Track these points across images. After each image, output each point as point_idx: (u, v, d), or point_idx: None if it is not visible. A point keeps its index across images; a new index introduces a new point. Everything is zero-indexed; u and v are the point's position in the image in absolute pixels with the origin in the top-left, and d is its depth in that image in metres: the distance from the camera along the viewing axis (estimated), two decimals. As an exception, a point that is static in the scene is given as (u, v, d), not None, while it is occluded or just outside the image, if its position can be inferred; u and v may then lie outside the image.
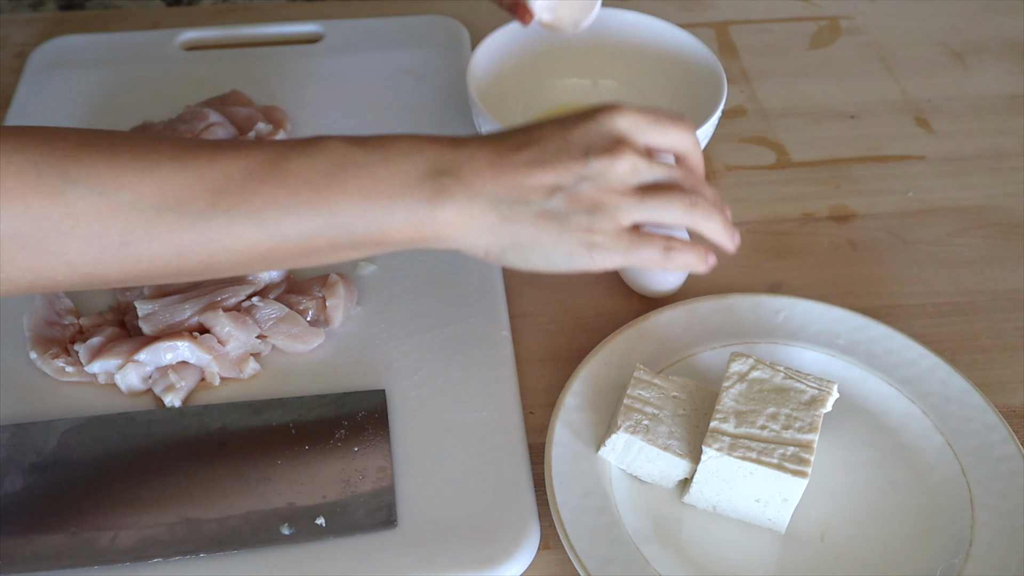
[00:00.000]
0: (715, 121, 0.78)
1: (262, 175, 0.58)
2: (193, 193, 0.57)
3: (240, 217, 0.58)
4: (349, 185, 0.59)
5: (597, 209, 0.61)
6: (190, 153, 0.58)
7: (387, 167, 0.60)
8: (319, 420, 0.69)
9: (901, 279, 0.80)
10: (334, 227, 0.59)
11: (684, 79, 0.84)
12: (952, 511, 0.64)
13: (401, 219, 0.59)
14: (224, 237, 0.58)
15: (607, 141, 0.61)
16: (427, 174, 0.60)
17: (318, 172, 0.59)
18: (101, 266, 0.57)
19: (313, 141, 0.60)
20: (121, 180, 0.56)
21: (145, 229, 0.56)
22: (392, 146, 0.60)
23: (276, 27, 1.00)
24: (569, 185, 0.60)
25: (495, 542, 0.63)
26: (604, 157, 0.61)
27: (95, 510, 0.64)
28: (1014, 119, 0.94)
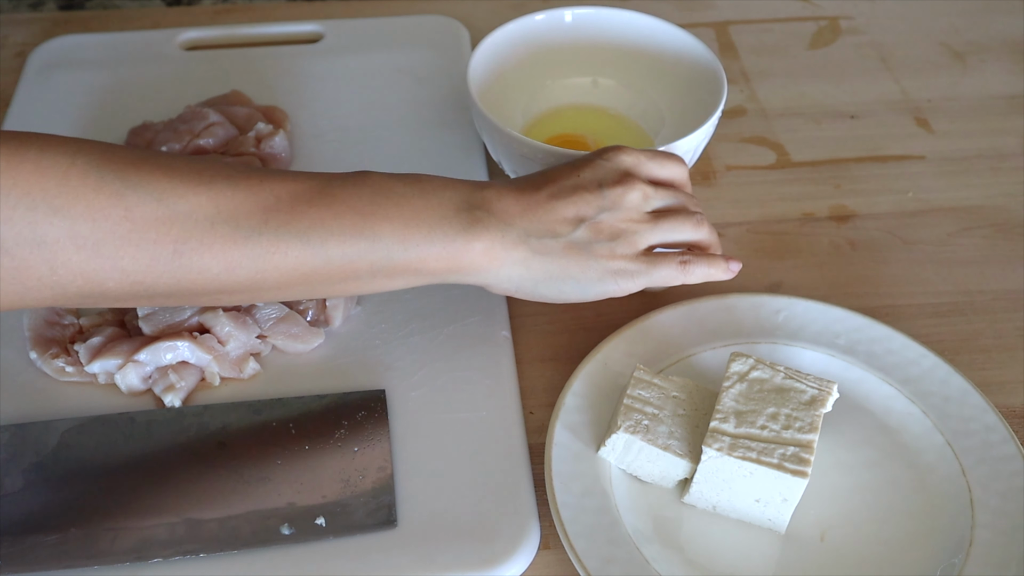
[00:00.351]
0: (715, 121, 0.78)
1: (310, 198, 0.61)
2: (246, 209, 0.60)
3: (288, 235, 0.60)
4: (392, 213, 0.62)
5: (617, 236, 0.66)
6: (242, 174, 0.61)
7: (426, 199, 0.64)
8: (319, 420, 0.69)
9: (901, 279, 0.80)
10: (376, 252, 0.62)
11: (684, 79, 0.84)
12: (952, 511, 0.64)
13: (439, 247, 0.63)
14: (272, 254, 0.60)
15: (616, 175, 0.67)
16: (462, 207, 0.64)
17: (362, 199, 0.62)
18: (152, 274, 0.59)
19: (358, 173, 0.64)
20: (179, 190, 0.58)
21: (199, 239, 0.59)
22: (428, 182, 0.65)
23: (276, 27, 1.00)
24: (590, 216, 0.65)
25: (495, 542, 0.63)
26: (617, 188, 0.66)
27: (95, 510, 0.64)
28: (1014, 119, 0.94)
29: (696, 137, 0.77)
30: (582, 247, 0.65)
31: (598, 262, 0.66)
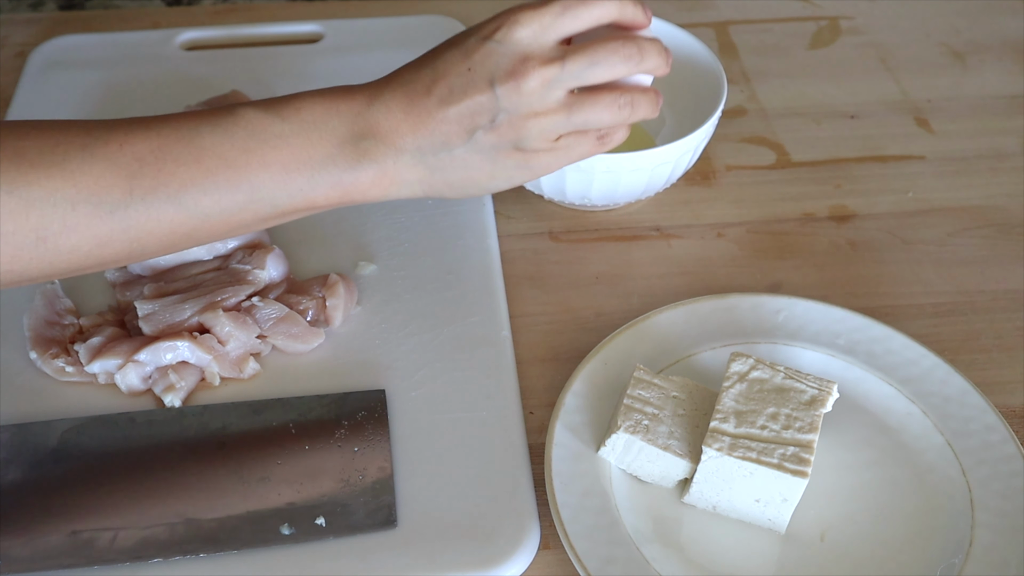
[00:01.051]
0: (715, 121, 0.78)
1: (177, 154, 0.57)
2: (106, 182, 0.56)
3: (158, 201, 0.57)
4: (269, 159, 0.58)
5: (522, 137, 0.60)
6: (99, 140, 0.57)
7: (306, 136, 0.59)
8: (319, 420, 0.69)
9: (901, 279, 0.80)
10: (257, 202, 0.59)
11: (684, 79, 0.84)
12: (952, 511, 0.64)
13: (326, 187, 0.60)
14: (144, 222, 0.57)
15: (510, 63, 0.59)
16: (347, 139, 0.59)
17: (235, 147, 0.58)
18: (21, 262, 0.56)
19: (226, 112, 0.59)
20: (29, 176, 0.55)
21: (61, 223, 0.56)
22: (309, 110, 0.59)
23: (276, 27, 1.00)
24: (485, 123, 0.60)
25: (495, 542, 0.63)
26: (510, 82, 0.59)
27: (95, 510, 0.64)
28: (1014, 119, 0.94)
29: (696, 137, 0.77)
30: (484, 152, 0.60)
31: (504, 164, 0.61)
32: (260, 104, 0.60)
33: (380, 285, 0.77)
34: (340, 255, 0.79)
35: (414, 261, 0.78)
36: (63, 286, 0.75)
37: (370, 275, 0.78)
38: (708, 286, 0.78)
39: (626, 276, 0.80)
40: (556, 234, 0.83)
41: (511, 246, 0.81)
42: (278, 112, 0.59)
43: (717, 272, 0.80)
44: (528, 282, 0.79)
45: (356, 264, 0.78)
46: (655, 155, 0.76)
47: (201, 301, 0.72)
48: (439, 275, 0.77)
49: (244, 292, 0.73)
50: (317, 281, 0.75)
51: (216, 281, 0.74)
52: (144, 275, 0.75)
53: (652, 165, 0.76)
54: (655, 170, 0.77)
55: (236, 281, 0.73)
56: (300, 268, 0.78)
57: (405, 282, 0.77)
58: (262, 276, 0.74)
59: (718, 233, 0.83)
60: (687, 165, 0.80)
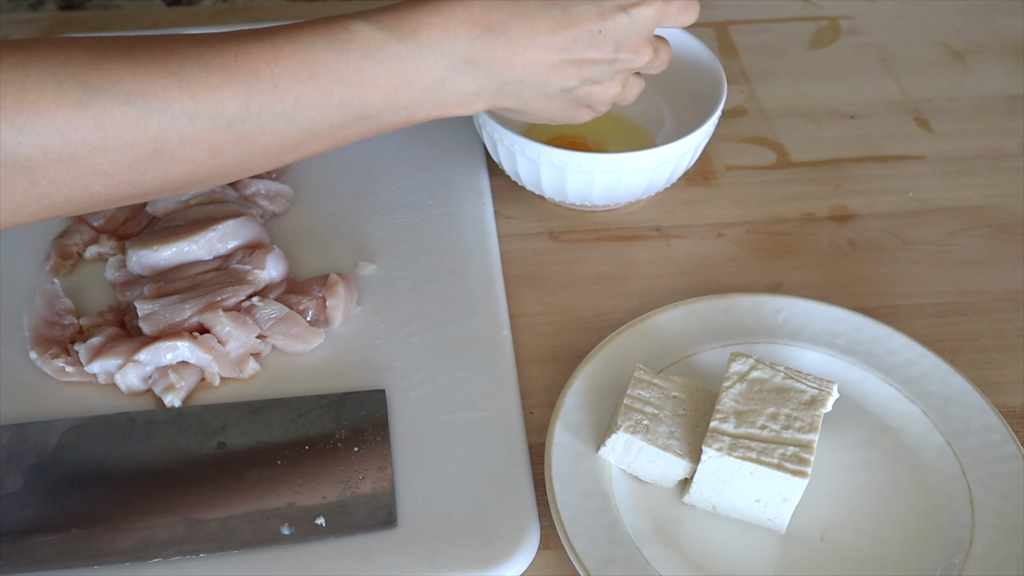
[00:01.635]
0: (715, 121, 0.78)
1: (292, 69, 0.58)
2: (224, 95, 0.56)
3: (273, 116, 0.57)
4: (382, 80, 0.59)
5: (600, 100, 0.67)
6: (214, 50, 0.57)
7: (421, 59, 0.60)
8: (319, 420, 0.69)
9: (901, 279, 0.80)
10: (364, 119, 0.60)
11: (684, 79, 0.84)
12: (952, 511, 0.64)
13: (429, 107, 0.62)
14: (258, 135, 0.58)
15: (636, 40, 0.65)
16: (459, 65, 0.61)
17: (351, 67, 0.59)
18: (137, 173, 0.56)
19: (341, 26, 0.59)
20: (146, 86, 0.55)
21: (179, 134, 0.56)
22: (426, 32, 0.60)
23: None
24: (587, 78, 0.65)
25: (495, 542, 0.63)
26: (630, 57, 0.65)
27: (95, 510, 0.64)
28: (1014, 119, 0.94)
29: (696, 137, 0.77)
30: (567, 100, 0.66)
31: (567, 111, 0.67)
32: (374, 18, 0.60)
33: (380, 285, 0.77)
34: (340, 255, 0.79)
35: (414, 261, 0.78)
36: (63, 286, 0.75)
37: (370, 275, 0.78)
38: (708, 286, 0.78)
39: (626, 276, 0.80)
40: (556, 234, 0.83)
41: (511, 246, 0.81)
42: (393, 31, 0.60)
43: (717, 272, 0.80)
44: (528, 282, 0.79)
45: (356, 264, 0.78)
46: (656, 155, 0.76)
47: (201, 301, 0.72)
48: (439, 275, 0.77)
49: (244, 292, 0.73)
50: (317, 281, 0.75)
51: (216, 281, 0.74)
52: (144, 275, 0.75)
53: (653, 165, 0.76)
54: (656, 170, 0.77)
55: (236, 281, 0.73)
56: (300, 268, 0.78)
57: (405, 282, 0.77)
58: (262, 276, 0.74)
59: (718, 233, 0.83)
60: (687, 165, 0.80)
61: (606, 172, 0.76)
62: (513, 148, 0.76)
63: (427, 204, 0.83)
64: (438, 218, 0.82)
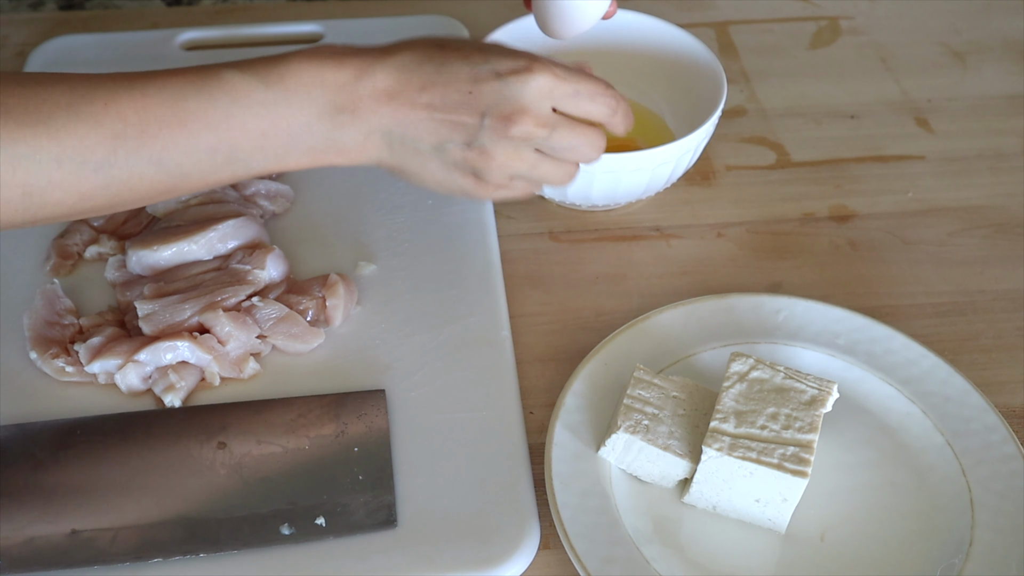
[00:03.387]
0: (715, 121, 0.78)
1: (161, 116, 0.59)
2: (91, 142, 0.58)
3: (141, 161, 0.59)
4: (249, 125, 0.60)
5: (483, 168, 0.64)
6: (84, 99, 0.58)
7: (287, 104, 0.61)
8: (319, 420, 0.69)
9: (901, 279, 0.80)
10: (234, 163, 0.61)
11: (684, 79, 0.84)
12: (952, 511, 0.64)
13: (298, 154, 0.62)
14: (127, 180, 0.59)
15: (510, 107, 0.62)
16: (326, 111, 0.62)
17: (218, 112, 0.60)
18: (6, 214, 0.58)
19: (211, 74, 0.61)
20: (15, 133, 0.56)
21: (46, 179, 0.57)
22: (294, 78, 0.61)
23: (276, 27, 1.00)
24: (459, 142, 0.63)
25: (495, 542, 0.63)
26: (500, 123, 0.62)
27: (95, 510, 0.64)
28: (1014, 119, 0.94)
29: (696, 136, 0.77)
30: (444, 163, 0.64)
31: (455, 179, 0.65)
32: (245, 67, 0.61)
33: (380, 285, 0.77)
34: (340, 255, 0.79)
35: (414, 261, 0.78)
36: (63, 286, 0.75)
37: (370, 275, 0.78)
38: (708, 286, 0.78)
39: (626, 276, 0.80)
40: (556, 234, 0.83)
41: (511, 246, 0.81)
42: (262, 78, 0.61)
43: (717, 272, 0.80)
44: (528, 282, 0.79)
45: (356, 264, 0.78)
46: (656, 155, 0.76)
47: (201, 301, 0.72)
48: (439, 275, 0.77)
49: (244, 292, 0.73)
50: (317, 281, 0.75)
51: (216, 281, 0.74)
52: (144, 275, 0.75)
53: (653, 165, 0.76)
54: (656, 170, 0.77)
55: (236, 281, 0.73)
56: (300, 268, 0.78)
57: (405, 282, 0.77)
58: (262, 276, 0.74)
59: (718, 233, 0.83)
60: (687, 164, 0.80)
61: (606, 172, 0.76)
62: None
63: (427, 204, 0.82)
64: (438, 218, 0.82)
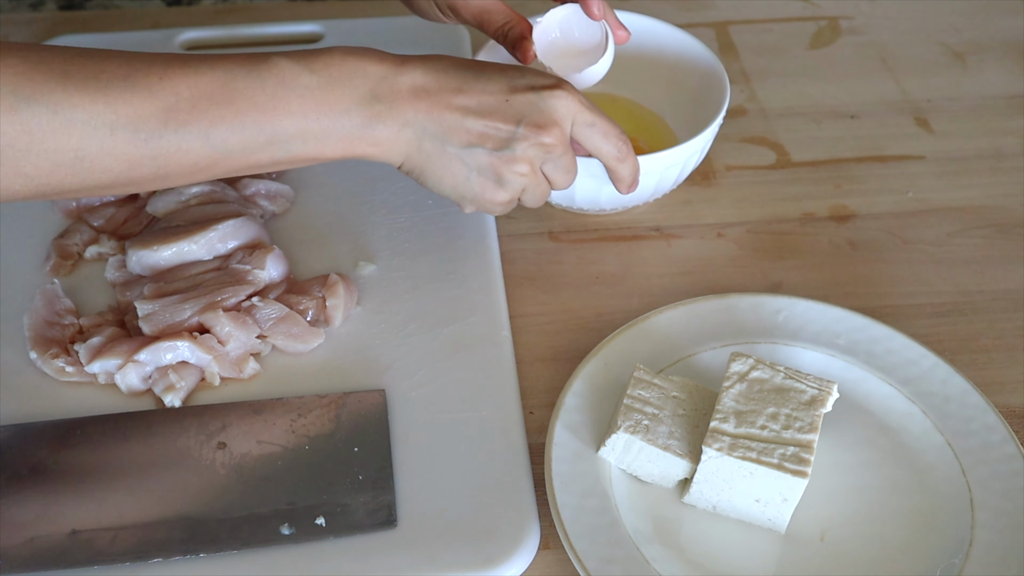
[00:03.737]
0: (718, 125, 0.78)
1: (211, 94, 0.62)
2: (145, 112, 0.60)
3: (189, 135, 0.61)
4: (294, 107, 0.63)
5: (505, 175, 0.67)
6: (140, 72, 0.61)
7: (330, 90, 0.64)
8: (319, 420, 0.69)
9: (901, 279, 0.80)
10: (274, 144, 0.64)
11: (686, 82, 0.84)
12: (952, 511, 0.64)
13: (335, 139, 0.65)
14: (173, 152, 0.61)
15: (544, 118, 0.67)
16: (365, 99, 0.65)
17: (265, 93, 0.63)
18: (56, 177, 0.60)
19: (262, 59, 0.64)
20: (74, 99, 0.58)
21: (99, 144, 0.59)
22: (339, 67, 0.64)
23: (276, 27, 1.00)
24: (489, 146, 0.66)
25: (495, 542, 0.63)
26: (533, 130, 0.66)
27: (95, 510, 0.64)
28: (1014, 119, 0.94)
29: (703, 138, 0.77)
30: (467, 166, 0.67)
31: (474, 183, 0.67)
32: (294, 55, 0.64)
33: (380, 285, 0.77)
34: (340, 255, 0.79)
35: (414, 261, 0.78)
36: (63, 286, 0.75)
37: (370, 275, 0.78)
38: (708, 286, 0.78)
39: (626, 276, 0.80)
40: (556, 234, 0.83)
41: (511, 246, 0.81)
42: (308, 64, 0.64)
43: (717, 272, 0.80)
44: (528, 282, 0.79)
45: (356, 264, 0.78)
46: (665, 157, 0.75)
47: (201, 301, 0.72)
48: (439, 275, 0.77)
49: (244, 292, 0.73)
50: (317, 281, 0.75)
51: (216, 281, 0.74)
52: (144, 275, 0.75)
53: (662, 168, 0.76)
54: (664, 172, 0.76)
55: (236, 281, 0.73)
56: (300, 268, 0.78)
57: (405, 282, 0.77)
58: (262, 276, 0.74)
59: (718, 233, 0.83)
60: (694, 166, 0.80)
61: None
62: None
63: (427, 204, 0.83)
64: (438, 218, 0.82)
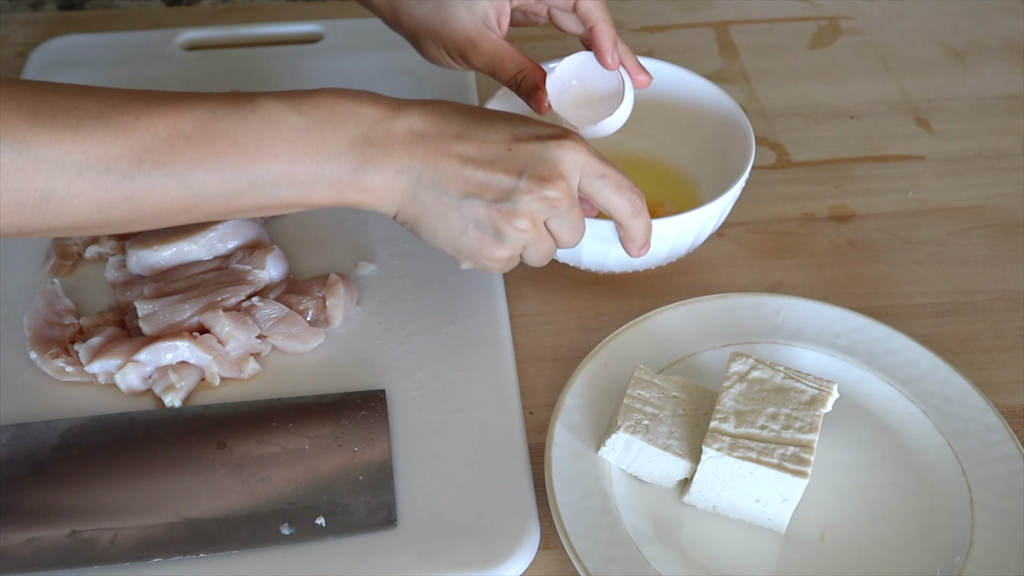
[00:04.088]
0: (739, 188, 0.73)
1: (190, 134, 0.58)
2: (117, 152, 0.57)
3: (164, 177, 0.58)
4: (279, 149, 0.59)
5: (505, 230, 0.63)
6: (116, 111, 0.57)
7: (319, 132, 0.60)
8: (319, 420, 0.69)
9: (901, 279, 0.80)
10: (258, 190, 0.60)
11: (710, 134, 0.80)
12: (952, 511, 0.64)
13: (323, 185, 0.60)
14: (147, 195, 0.58)
15: (549, 170, 0.62)
16: (356, 142, 0.60)
17: (248, 134, 0.59)
18: (21, 218, 0.57)
19: (246, 99, 0.60)
20: (41, 137, 0.55)
21: (66, 186, 0.56)
22: (329, 108, 0.60)
23: (276, 27, 1.00)
24: (488, 198, 0.62)
25: (495, 542, 0.63)
26: (536, 183, 0.62)
27: (95, 510, 0.64)
28: (1014, 119, 0.94)
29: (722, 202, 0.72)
30: (465, 218, 0.62)
31: (470, 237, 0.63)
32: (281, 95, 0.60)
33: (380, 285, 0.77)
34: (340, 255, 0.79)
35: (414, 261, 0.78)
36: (63, 286, 0.75)
37: (370, 275, 0.78)
38: (708, 286, 0.78)
39: (626, 276, 0.80)
40: (556, 234, 0.83)
41: (511, 246, 0.81)
42: (296, 105, 0.60)
43: (717, 272, 0.80)
44: (528, 282, 0.79)
45: (356, 264, 0.78)
46: (678, 222, 0.71)
47: (201, 301, 0.72)
48: (439, 275, 0.77)
49: (244, 292, 0.73)
50: (317, 281, 0.75)
51: (216, 281, 0.74)
52: (144, 275, 0.75)
53: (675, 232, 0.71)
54: (678, 237, 0.72)
55: (236, 281, 0.73)
56: (300, 268, 0.78)
57: (405, 282, 0.77)
58: (262, 276, 0.74)
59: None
60: (713, 229, 0.75)
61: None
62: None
63: (427, 204, 0.82)
64: (438, 218, 0.81)
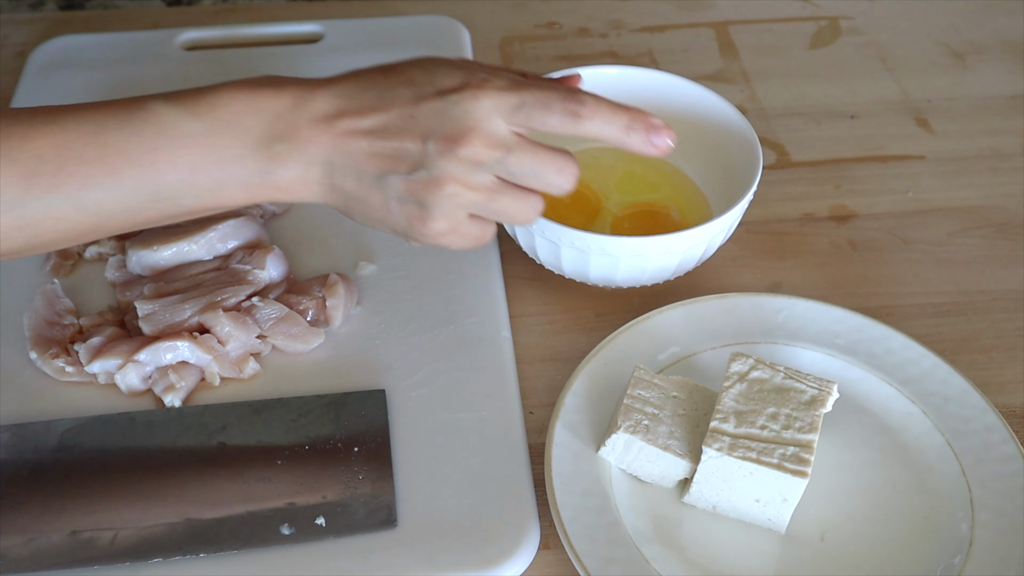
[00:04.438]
0: (747, 201, 0.73)
1: (80, 151, 0.55)
2: (3, 181, 0.54)
3: (57, 200, 0.55)
4: (177, 158, 0.56)
5: (430, 201, 0.58)
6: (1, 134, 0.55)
7: (218, 135, 0.57)
8: (319, 420, 0.69)
9: (901, 279, 0.80)
10: (163, 201, 0.57)
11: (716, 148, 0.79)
12: (952, 511, 0.64)
13: (233, 188, 0.58)
14: (42, 220, 0.56)
15: (455, 128, 0.57)
16: (261, 141, 0.57)
17: (142, 146, 0.56)
18: None
19: (136, 105, 0.57)
20: None
21: None
22: (225, 107, 0.57)
23: (276, 27, 1.00)
24: (402, 171, 0.58)
25: (495, 542, 0.63)
26: (444, 145, 0.57)
27: (95, 510, 0.64)
28: (1014, 119, 0.94)
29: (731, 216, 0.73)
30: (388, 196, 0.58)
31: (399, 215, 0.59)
32: (173, 97, 0.57)
33: (380, 285, 0.77)
34: (340, 255, 0.79)
35: (414, 261, 0.78)
36: (63, 286, 0.75)
37: (370, 275, 0.78)
38: (708, 286, 0.78)
39: (626, 276, 0.80)
40: (556, 234, 0.83)
41: (511, 246, 0.81)
42: (191, 108, 0.57)
43: (717, 272, 0.80)
44: (528, 282, 0.79)
45: (356, 264, 0.78)
46: (685, 238, 0.71)
47: (201, 301, 0.72)
48: (439, 275, 0.77)
49: (244, 292, 0.73)
50: (317, 281, 0.75)
51: (216, 281, 0.74)
52: (144, 275, 0.75)
53: (683, 248, 0.71)
54: (686, 252, 0.72)
55: (236, 281, 0.73)
56: (300, 268, 0.78)
57: (405, 282, 0.77)
58: (262, 276, 0.74)
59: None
60: (721, 242, 0.75)
61: (632, 256, 0.71)
62: (531, 227, 0.72)
63: (427, 204, 0.82)
64: (438, 218, 0.81)
